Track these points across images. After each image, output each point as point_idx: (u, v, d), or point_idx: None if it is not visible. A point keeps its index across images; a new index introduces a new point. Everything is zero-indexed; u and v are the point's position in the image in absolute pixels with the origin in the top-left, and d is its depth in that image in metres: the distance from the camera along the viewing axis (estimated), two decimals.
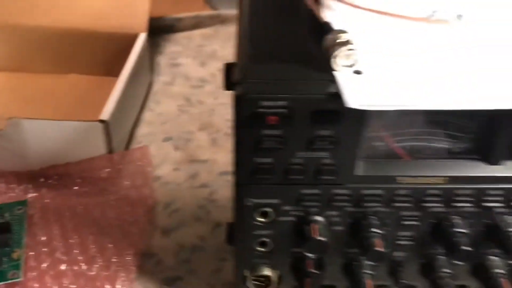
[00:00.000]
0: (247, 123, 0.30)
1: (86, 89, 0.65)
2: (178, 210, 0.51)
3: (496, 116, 0.31)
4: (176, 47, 0.78)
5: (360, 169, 0.33)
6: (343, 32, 0.30)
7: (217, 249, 0.47)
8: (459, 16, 0.35)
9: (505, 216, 0.34)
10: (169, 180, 0.54)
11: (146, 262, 0.45)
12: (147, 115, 0.65)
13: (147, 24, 0.67)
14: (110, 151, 0.52)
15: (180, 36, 0.80)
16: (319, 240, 0.33)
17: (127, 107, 0.58)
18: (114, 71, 0.62)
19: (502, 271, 0.35)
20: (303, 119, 0.30)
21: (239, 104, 0.29)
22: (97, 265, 0.42)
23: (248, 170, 0.32)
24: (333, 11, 0.35)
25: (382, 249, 0.32)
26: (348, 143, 0.31)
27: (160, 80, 0.71)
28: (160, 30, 0.81)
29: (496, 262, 0.36)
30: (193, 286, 0.44)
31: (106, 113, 0.51)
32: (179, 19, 0.81)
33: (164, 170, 0.56)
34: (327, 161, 0.32)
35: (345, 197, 0.33)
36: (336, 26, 0.33)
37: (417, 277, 0.37)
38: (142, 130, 0.62)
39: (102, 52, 0.68)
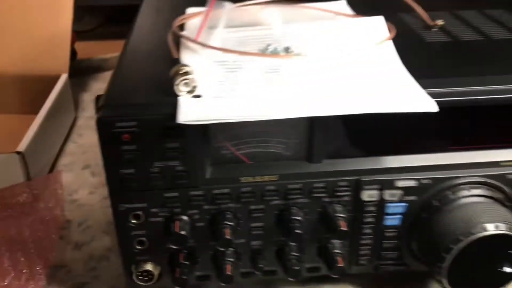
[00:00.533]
0: (108, 141, 0.38)
1: (13, 127, 0.72)
2: (90, 227, 0.57)
3: (314, 123, 0.40)
4: (101, 85, 0.86)
5: (211, 173, 0.41)
6: (184, 65, 0.39)
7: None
8: (287, 49, 0.43)
9: (332, 205, 0.42)
10: (85, 202, 0.61)
11: (57, 272, 0.51)
12: (70, 147, 0.72)
13: (68, 66, 0.75)
14: (28, 178, 0.58)
15: (106, 74, 0.88)
16: (180, 234, 0.40)
17: (46, 140, 0.65)
18: (39, 109, 0.69)
19: (339, 251, 0.43)
20: (154, 135, 0.38)
21: (99, 126, 0.37)
22: (10, 277, 0.48)
23: (116, 181, 0.39)
24: (188, 50, 0.44)
25: (229, 237, 0.40)
26: (196, 152, 0.39)
27: (85, 116, 0.78)
28: (88, 70, 0.89)
29: (336, 244, 0.44)
30: None
31: (22, 145, 0.58)
32: (106, 60, 0.90)
33: (80, 194, 0.62)
34: (180, 168, 0.39)
35: (201, 197, 0.41)
36: (186, 61, 0.41)
37: (274, 262, 0.44)
38: (64, 160, 0.69)
39: (28, 93, 0.75)
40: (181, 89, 0.38)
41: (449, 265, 0.39)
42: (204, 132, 0.39)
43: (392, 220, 0.43)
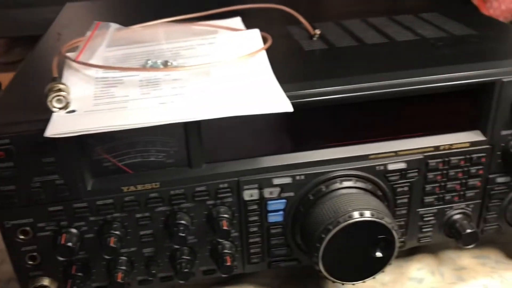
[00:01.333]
0: None
1: None
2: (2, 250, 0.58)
3: (187, 130, 0.42)
4: None
5: (92, 184, 0.42)
6: (58, 82, 0.41)
7: None
8: (166, 62, 0.46)
9: (216, 207, 0.44)
10: None
11: None
12: None
13: None
14: None
15: None
16: (66, 246, 0.41)
17: None
18: None
19: (228, 251, 0.45)
20: (29, 151, 0.39)
21: None
22: None
23: None
24: (70, 69, 0.46)
25: (114, 245, 0.41)
26: (75, 166, 0.41)
27: None
28: None
29: (225, 245, 0.46)
30: None
31: None
32: None
33: None
34: (60, 181, 0.41)
35: (85, 209, 0.42)
36: (66, 79, 0.43)
37: (169, 268, 0.46)
38: None
39: None
40: (54, 105, 0.40)
41: (323, 254, 0.41)
42: (81, 146, 0.41)
43: (275, 217, 0.45)
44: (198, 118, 0.38)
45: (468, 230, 0.47)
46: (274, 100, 0.40)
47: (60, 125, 0.38)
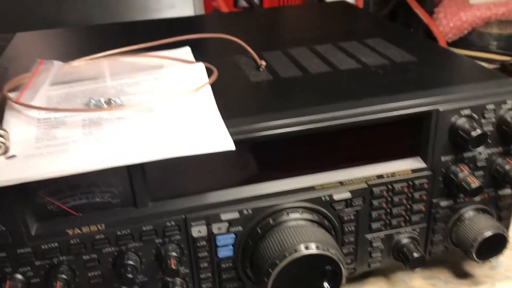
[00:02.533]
0: None
1: None
2: None
3: (130, 170, 0.42)
4: None
5: (36, 229, 0.41)
6: None
7: None
8: (109, 101, 0.46)
9: (165, 245, 0.44)
10: None
11: None
12: None
13: None
14: None
15: None
16: None
17: None
18: None
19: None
20: None
21: None
22: None
23: None
24: (12, 111, 0.45)
25: None
26: (17, 211, 0.40)
27: None
28: None
29: (176, 282, 0.45)
30: None
31: None
32: None
33: None
34: (1, 229, 0.40)
35: (31, 254, 0.42)
36: (6, 122, 0.43)
37: None
38: None
39: None
40: None
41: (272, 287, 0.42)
42: (23, 190, 0.40)
43: (224, 252, 0.45)
44: (139, 161, 0.38)
45: (415, 255, 0.48)
46: (217, 139, 0.40)
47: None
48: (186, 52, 0.60)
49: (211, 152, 0.39)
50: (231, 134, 0.41)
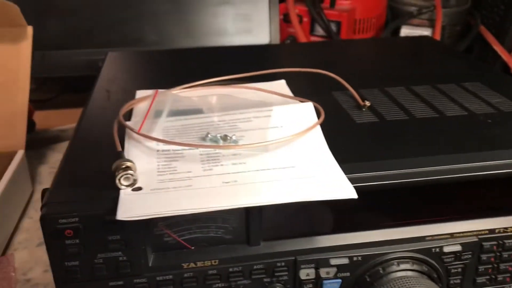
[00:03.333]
0: (52, 237, 0.39)
1: None
2: None
3: (249, 208, 0.43)
4: (59, 156, 0.87)
5: (153, 260, 0.42)
6: (126, 160, 0.41)
7: None
8: (225, 137, 0.47)
9: (272, 284, 0.44)
10: (39, 281, 0.61)
11: None
12: (26, 222, 0.72)
13: (24, 141, 0.76)
14: None
15: (64, 145, 0.90)
16: None
17: (2, 218, 0.65)
18: None
19: None
20: (96, 229, 0.40)
21: (43, 223, 0.39)
22: None
23: (61, 273, 0.41)
24: (132, 140, 0.46)
25: None
26: (138, 242, 0.41)
27: (41, 189, 0.79)
28: (45, 141, 0.90)
29: None
30: None
31: None
32: (63, 130, 0.91)
33: (35, 273, 0.63)
34: (123, 258, 0.41)
35: (145, 285, 0.42)
36: (129, 151, 0.44)
37: None
38: (20, 237, 0.69)
39: None
40: (122, 183, 0.40)
41: None
42: (146, 223, 0.41)
43: None
44: (264, 203, 0.39)
45: None
46: (338, 185, 0.40)
47: (130, 208, 0.38)
48: (282, 85, 0.61)
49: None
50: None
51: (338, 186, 0.40)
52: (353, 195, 0.40)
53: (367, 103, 0.55)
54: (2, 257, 0.61)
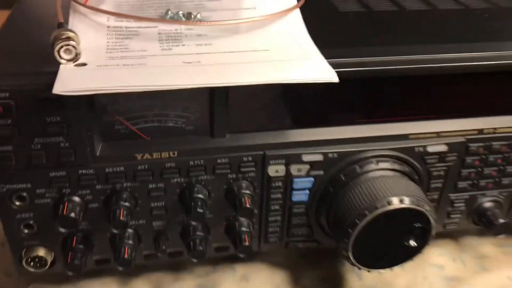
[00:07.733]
0: None
1: None
2: None
3: (214, 95, 0.37)
4: None
5: (102, 149, 0.37)
6: (67, 29, 0.35)
7: None
8: (189, 14, 0.40)
9: (238, 181, 0.40)
10: None
11: None
12: None
13: None
14: None
15: None
16: (69, 216, 0.37)
17: None
18: None
19: (246, 229, 0.42)
20: (31, 108, 0.34)
21: None
22: None
23: None
24: (78, 14, 0.39)
25: (124, 219, 0.37)
26: (83, 128, 0.35)
27: None
28: None
29: (243, 222, 0.42)
30: None
31: None
32: None
33: None
34: (65, 144, 0.36)
35: (92, 176, 0.37)
36: (73, 26, 0.37)
37: (179, 243, 0.42)
38: None
39: None
40: (62, 56, 0.34)
41: (355, 240, 0.38)
42: (91, 105, 0.35)
43: (299, 196, 0.41)
44: (233, 83, 0.33)
45: (501, 220, 0.44)
46: (317, 68, 0.35)
47: (70, 81, 0.32)
48: None
49: (308, 83, 0.34)
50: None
51: (318, 69, 0.35)
52: (334, 78, 0.34)
53: None
54: None
